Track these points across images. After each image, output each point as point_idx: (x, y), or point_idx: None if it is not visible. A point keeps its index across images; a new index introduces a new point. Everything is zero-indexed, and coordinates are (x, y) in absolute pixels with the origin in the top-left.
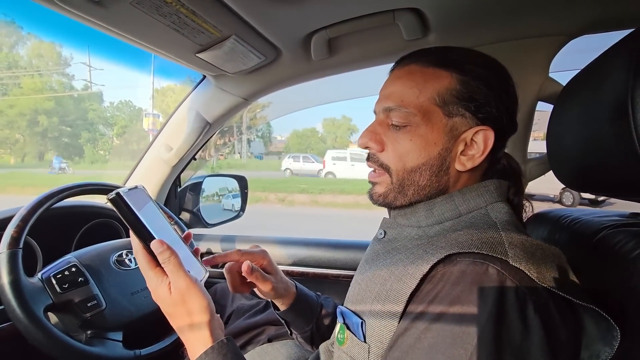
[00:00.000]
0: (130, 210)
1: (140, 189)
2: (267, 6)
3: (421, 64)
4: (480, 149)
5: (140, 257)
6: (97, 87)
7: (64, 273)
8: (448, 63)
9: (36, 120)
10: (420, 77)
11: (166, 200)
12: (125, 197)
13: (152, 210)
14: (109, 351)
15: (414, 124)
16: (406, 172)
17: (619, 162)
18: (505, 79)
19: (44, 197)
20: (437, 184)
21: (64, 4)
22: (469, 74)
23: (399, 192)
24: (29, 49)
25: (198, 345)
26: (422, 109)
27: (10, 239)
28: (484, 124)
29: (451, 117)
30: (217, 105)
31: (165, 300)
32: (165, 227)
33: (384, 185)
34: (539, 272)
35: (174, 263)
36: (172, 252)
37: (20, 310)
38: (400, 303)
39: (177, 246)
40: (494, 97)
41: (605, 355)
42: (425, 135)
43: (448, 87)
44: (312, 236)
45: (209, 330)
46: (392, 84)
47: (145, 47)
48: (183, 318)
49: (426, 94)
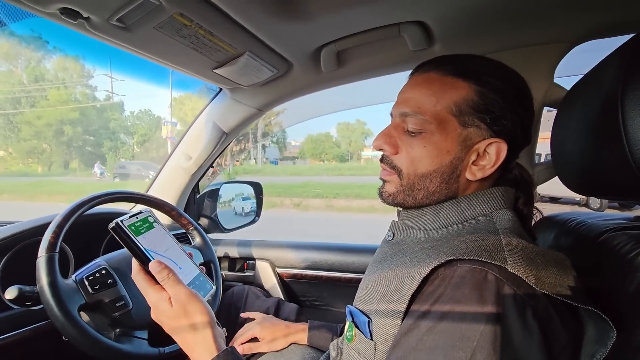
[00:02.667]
0: (128, 237)
1: (146, 212)
2: (278, 23)
3: (440, 72)
4: (492, 161)
5: (139, 278)
6: (118, 97)
7: (95, 275)
8: (467, 73)
9: (62, 130)
10: (438, 86)
11: (186, 206)
12: (123, 226)
13: (157, 233)
14: (135, 348)
15: (428, 131)
16: (417, 177)
17: (614, 167)
18: (523, 92)
19: (76, 205)
20: (446, 191)
21: (95, 30)
22: (487, 85)
23: (408, 195)
24: (55, 63)
25: (204, 354)
26: (438, 117)
27: (48, 244)
28: (498, 136)
29: (466, 128)
30: (232, 116)
31: (167, 313)
32: (171, 248)
33: (394, 185)
34: (537, 278)
35: (172, 279)
36: (169, 270)
37: (57, 309)
38: (402, 303)
39: (184, 264)
40: (509, 111)
41: (600, 355)
42: (438, 143)
43: (465, 98)
44: (327, 241)
45: (213, 339)
46: (411, 90)
47: (167, 65)
48: (186, 329)
49: (443, 102)
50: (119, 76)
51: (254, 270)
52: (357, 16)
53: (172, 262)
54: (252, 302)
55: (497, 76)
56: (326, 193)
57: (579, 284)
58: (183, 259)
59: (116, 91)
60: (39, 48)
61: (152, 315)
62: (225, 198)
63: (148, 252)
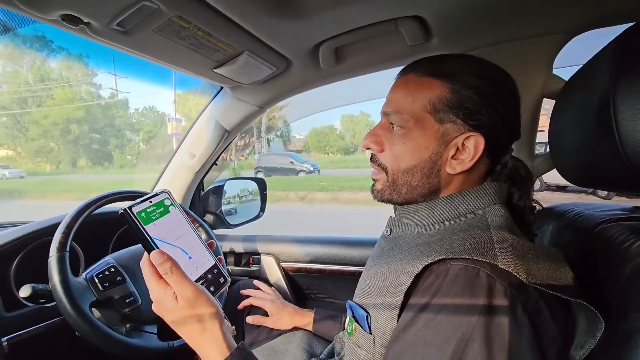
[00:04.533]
0: (135, 224)
1: (163, 194)
2: (276, 22)
3: (417, 73)
4: (470, 154)
5: (145, 269)
6: (122, 94)
7: (105, 273)
8: (441, 73)
9: (68, 129)
10: (414, 86)
11: (191, 203)
12: (132, 212)
13: (171, 219)
14: (145, 342)
15: (407, 129)
16: (400, 172)
17: (607, 160)
18: (500, 88)
19: (84, 205)
20: (428, 185)
21: (96, 35)
22: (460, 82)
23: (393, 190)
24: (59, 62)
25: (213, 352)
26: (415, 115)
27: (58, 244)
28: (476, 130)
29: (442, 124)
30: (234, 114)
31: (171, 310)
32: (184, 235)
33: (381, 182)
34: (528, 273)
35: (176, 275)
36: (172, 263)
37: (70, 306)
38: (397, 298)
39: (198, 253)
40: (485, 105)
41: (589, 346)
42: (417, 140)
43: (439, 96)
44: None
45: (222, 336)
46: (392, 92)
47: (168, 66)
48: (193, 325)
49: (419, 101)
50: (122, 74)
51: (259, 265)
52: (354, 12)
53: (182, 251)
54: None
55: (471, 73)
56: (331, 186)
57: (570, 276)
58: (197, 248)
59: (120, 88)
60: (43, 47)
61: (154, 309)
62: (230, 194)
63: (154, 241)
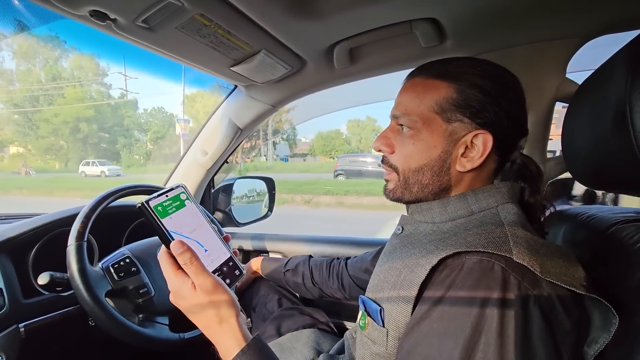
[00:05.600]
0: (152, 217)
1: (179, 189)
2: (293, 22)
3: (424, 76)
4: (479, 152)
5: (163, 260)
6: (132, 95)
7: (120, 263)
8: (446, 74)
9: (78, 128)
10: (421, 89)
11: (201, 200)
12: (149, 206)
13: (187, 212)
14: (158, 333)
15: (416, 130)
16: (411, 171)
17: (622, 162)
18: (504, 86)
19: (102, 197)
20: (438, 183)
21: (121, 31)
22: (464, 82)
23: (405, 189)
24: (71, 61)
25: (230, 342)
26: (423, 116)
27: (77, 233)
28: (483, 128)
29: (450, 123)
30: (247, 112)
31: (190, 299)
32: (200, 228)
33: (393, 182)
34: (542, 267)
35: (196, 265)
36: (192, 254)
37: (87, 294)
38: (412, 291)
39: (213, 246)
40: (490, 103)
41: (603, 341)
42: (426, 139)
43: (445, 96)
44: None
45: (239, 326)
46: (401, 95)
47: (187, 63)
48: (210, 315)
49: (426, 103)
50: (132, 74)
51: None
52: (370, 13)
53: (197, 244)
54: (262, 288)
55: (474, 73)
56: (336, 190)
57: (582, 274)
58: (213, 241)
59: (130, 89)
60: (56, 47)
61: (172, 299)
62: (239, 193)
63: (170, 234)
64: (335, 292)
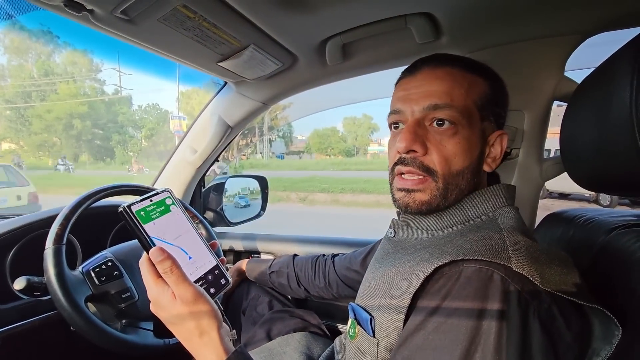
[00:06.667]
0: (134, 222)
1: (164, 193)
2: (283, 16)
3: (459, 68)
4: (498, 152)
5: (143, 267)
6: (126, 91)
7: (102, 267)
8: (480, 69)
9: (71, 124)
10: (464, 80)
11: (191, 200)
12: (130, 211)
13: (172, 218)
14: (141, 339)
15: (460, 125)
16: (452, 176)
17: (624, 164)
18: (504, 86)
19: (82, 198)
20: (472, 187)
21: (99, 22)
22: (492, 79)
23: (443, 198)
24: (64, 57)
25: (211, 356)
26: (467, 110)
27: (55, 236)
28: (500, 128)
29: (483, 122)
30: (238, 110)
31: (169, 310)
32: (185, 234)
33: (429, 192)
34: (542, 277)
35: (176, 275)
36: (172, 262)
37: (64, 300)
38: (404, 300)
39: (198, 254)
40: (506, 103)
41: (605, 353)
42: (469, 138)
43: (485, 92)
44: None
45: (220, 339)
46: (433, 83)
47: (171, 58)
48: (190, 328)
49: (472, 96)
50: (127, 70)
51: None
52: (363, 8)
53: (181, 250)
54: (253, 290)
55: (493, 72)
56: (332, 188)
57: (582, 282)
58: (198, 248)
59: (124, 85)
60: (48, 42)
61: (152, 309)
62: (231, 192)
63: (152, 240)
64: (321, 292)
